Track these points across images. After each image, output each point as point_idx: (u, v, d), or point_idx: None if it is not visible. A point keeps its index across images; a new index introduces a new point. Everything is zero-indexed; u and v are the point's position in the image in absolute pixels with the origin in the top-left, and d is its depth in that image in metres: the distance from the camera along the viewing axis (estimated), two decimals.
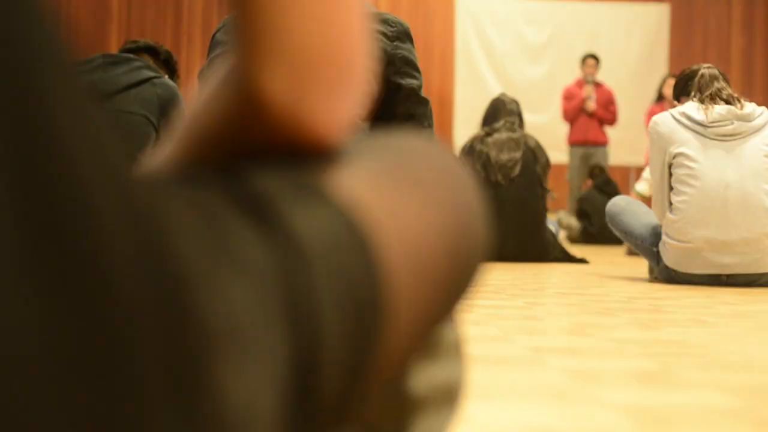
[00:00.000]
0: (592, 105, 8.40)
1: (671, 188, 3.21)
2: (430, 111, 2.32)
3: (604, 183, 7.72)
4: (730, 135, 3.14)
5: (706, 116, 3.15)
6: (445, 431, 0.84)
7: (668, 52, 11.17)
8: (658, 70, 10.72)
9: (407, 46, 2.27)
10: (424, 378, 0.81)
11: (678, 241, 3.15)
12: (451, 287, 0.64)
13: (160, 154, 0.64)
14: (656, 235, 3.32)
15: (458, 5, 11.12)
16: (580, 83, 8.57)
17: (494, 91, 10.84)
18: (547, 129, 10.27)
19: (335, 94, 0.55)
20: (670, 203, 3.20)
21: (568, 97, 8.57)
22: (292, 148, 0.55)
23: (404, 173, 0.61)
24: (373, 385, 0.57)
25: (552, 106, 10.52)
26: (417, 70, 2.29)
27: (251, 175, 0.52)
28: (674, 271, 3.20)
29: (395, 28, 2.24)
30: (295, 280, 0.47)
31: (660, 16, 11.09)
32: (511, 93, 11.31)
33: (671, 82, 7.05)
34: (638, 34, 10.99)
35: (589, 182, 7.96)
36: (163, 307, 0.35)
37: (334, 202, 0.53)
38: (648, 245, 3.33)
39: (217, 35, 2.34)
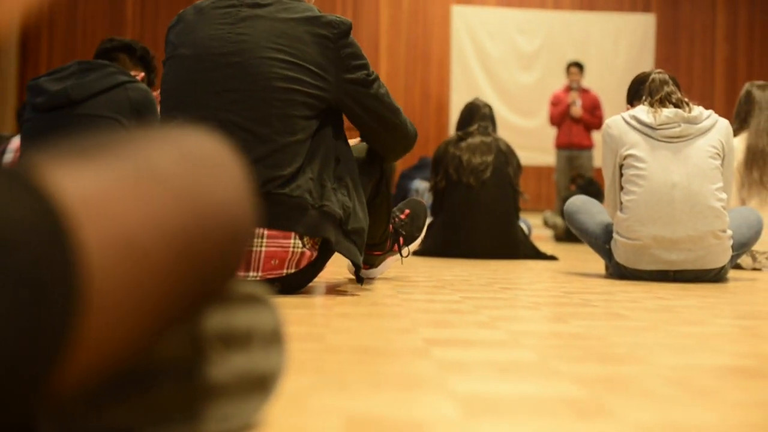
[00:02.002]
0: (577, 111, 8.37)
1: (622, 188, 3.18)
2: (381, 83, 2.30)
3: (588, 184, 7.69)
4: (677, 137, 3.11)
5: (655, 119, 3.12)
6: (252, 418, 0.81)
7: (654, 59, 11.11)
8: None
9: (349, 40, 2.24)
10: (228, 366, 0.78)
11: (627, 238, 3.12)
12: (186, 282, 0.61)
13: None
14: (609, 233, 3.28)
15: (454, 15, 11.09)
16: (568, 89, 8.53)
17: (488, 97, 10.80)
18: (538, 133, 10.23)
19: None
20: (621, 202, 3.17)
21: (554, 102, 8.55)
22: None
23: (132, 168, 0.58)
24: (74, 373, 0.54)
25: (543, 111, 10.47)
26: (362, 57, 2.27)
27: None
28: (624, 267, 3.16)
29: (337, 29, 2.22)
30: None
31: (646, 25, 11.02)
32: (504, 98, 11.27)
33: None
34: (625, 43, 10.93)
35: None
36: None
37: (28, 189, 0.51)
38: (601, 243, 3.30)
39: (170, 35, 2.30)
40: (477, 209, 4.52)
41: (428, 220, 4.82)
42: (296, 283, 2.21)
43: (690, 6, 11.36)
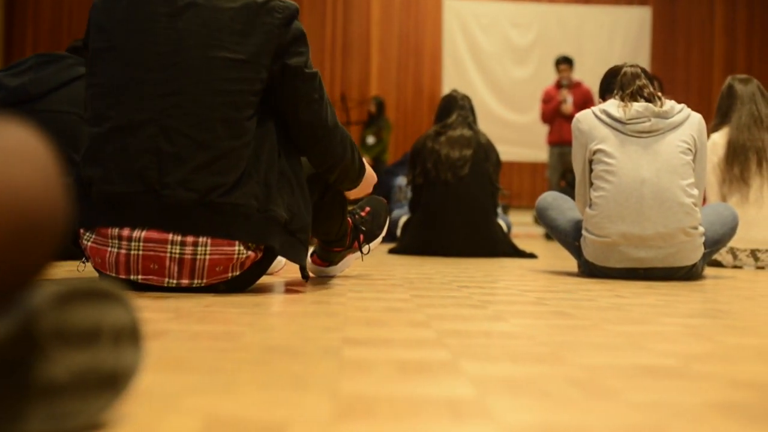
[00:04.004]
0: (568, 108, 8.35)
1: (591, 184, 3.16)
2: (318, 85, 2.23)
3: None
4: (647, 132, 3.09)
5: (625, 113, 3.10)
6: (98, 417, 0.79)
7: (650, 53, 11.08)
8: None
9: (294, 26, 2.19)
10: (66, 363, 0.76)
11: (596, 235, 3.10)
12: None
13: None
14: (579, 230, 3.27)
15: (446, 8, 11.06)
16: (558, 85, 8.51)
17: (481, 92, 10.79)
18: (531, 129, 10.20)
19: None
20: (590, 199, 3.15)
21: (545, 99, 8.54)
22: None
23: None
24: None
25: (536, 106, 10.46)
26: (305, 45, 2.22)
27: None
28: (594, 265, 3.15)
29: (281, 14, 2.16)
30: None
31: (642, 19, 10.99)
32: (497, 93, 11.25)
33: None
34: (621, 36, 10.90)
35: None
36: None
37: None
38: (571, 240, 3.28)
39: (101, 17, 2.18)
40: (454, 206, 4.50)
41: (405, 217, 4.80)
42: (240, 284, 2.18)
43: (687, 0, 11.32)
